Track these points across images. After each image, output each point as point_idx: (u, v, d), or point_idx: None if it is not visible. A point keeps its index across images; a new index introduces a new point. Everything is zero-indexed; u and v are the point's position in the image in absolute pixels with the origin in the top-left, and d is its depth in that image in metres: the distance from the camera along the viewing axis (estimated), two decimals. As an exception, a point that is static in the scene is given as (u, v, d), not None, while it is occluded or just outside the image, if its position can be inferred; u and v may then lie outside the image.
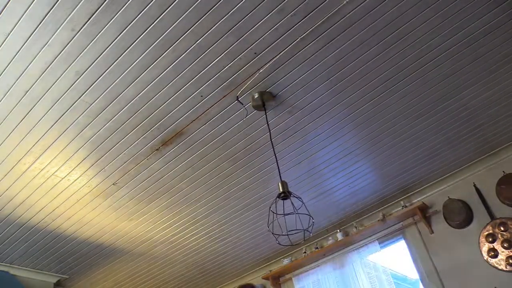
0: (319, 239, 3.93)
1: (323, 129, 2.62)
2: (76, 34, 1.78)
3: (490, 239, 3.00)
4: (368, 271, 3.56)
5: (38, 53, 1.84)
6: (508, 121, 2.85)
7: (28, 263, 3.53)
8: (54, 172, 2.60)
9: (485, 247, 3.02)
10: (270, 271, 4.11)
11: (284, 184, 2.04)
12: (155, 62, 1.99)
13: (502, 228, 2.97)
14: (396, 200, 3.56)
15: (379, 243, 3.55)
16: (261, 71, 2.12)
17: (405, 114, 2.60)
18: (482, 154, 3.19)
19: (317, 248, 3.88)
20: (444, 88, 2.45)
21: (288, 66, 2.13)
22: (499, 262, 2.93)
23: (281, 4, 1.80)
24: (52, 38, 1.78)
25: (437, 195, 3.40)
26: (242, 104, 2.29)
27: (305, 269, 3.98)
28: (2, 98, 2.05)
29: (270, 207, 2.01)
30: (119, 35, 1.82)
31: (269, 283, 4.11)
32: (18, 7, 1.64)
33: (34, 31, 1.74)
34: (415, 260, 3.38)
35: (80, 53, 1.87)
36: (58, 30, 1.75)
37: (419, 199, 3.47)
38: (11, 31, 1.73)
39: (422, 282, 3.30)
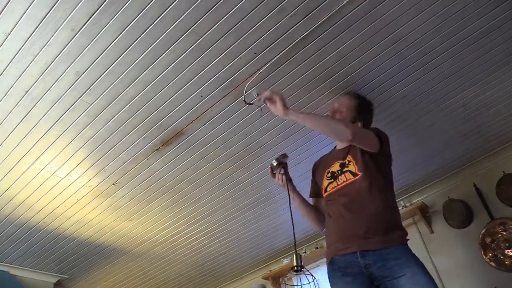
0: (319, 239, 3.92)
1: (323, 129, 2.61)
2: (76, 34, 1.78)
3: (490, 239, 3.00)
4: (368, 271, 3.55)
5: (38, 53, 1.84)
6: (508, 121, 2.84)
7: (28, 263, 3.53)
8: (54, 172, 2.60)
9: (485, 247, 3.01)
10: (270, 271, 4.11)
11: (298, 257, 1.90)
12: (155, 62, 1.98)
13: (502, 228, 2.97)
14: (397, 200, 3.55)
15: (379, 243, 3.54)
16: (261, 71, 2.11)
17: (405, 114, 2.60)
18: (482, 154, 3.19)
19: (317, 248, 3.87)
20: (444, 88, 2.45)
21: (288, 66, 2.13)
22: (499, 262, 2.92)
23: (281, 4, 1.79)
24: (52, 38, 1.77)
25: (437, 195, 3.40)
26: (252, 104, 2.22)
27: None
28: (2, 98, 2.04)
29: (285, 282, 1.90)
30: (119, 35, 1.81)
31: (269, 283, 4.11)
32: (18, 7, 1.63)
33: (34, 31, 1.73)
34: (415, 260, 3.37)
35: (80, 53, 1.87)
36: (58, 30, 1.75)
37: (419, 199, 3.47)
38: (11, 31, 1.73)
39: (422, 282, 3.29)
